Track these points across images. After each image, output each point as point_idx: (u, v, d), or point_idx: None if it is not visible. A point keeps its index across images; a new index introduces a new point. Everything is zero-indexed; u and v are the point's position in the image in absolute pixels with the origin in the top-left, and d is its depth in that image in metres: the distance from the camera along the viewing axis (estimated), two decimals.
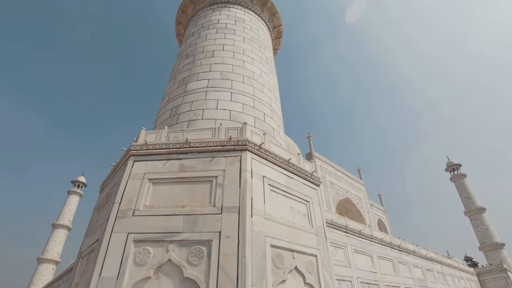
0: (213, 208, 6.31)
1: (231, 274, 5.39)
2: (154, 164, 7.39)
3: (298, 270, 6.50)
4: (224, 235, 5.86)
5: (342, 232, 13.53)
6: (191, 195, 6.68)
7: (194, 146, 7.48)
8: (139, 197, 6.73)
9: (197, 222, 6.13)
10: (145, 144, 7.75)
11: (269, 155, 7.61)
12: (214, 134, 7.79)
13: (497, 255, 42.72)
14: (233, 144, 7.31)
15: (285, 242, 6.55)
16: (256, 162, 7.23)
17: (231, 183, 6.63)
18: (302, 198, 7.90)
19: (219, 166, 7.02)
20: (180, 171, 7.12)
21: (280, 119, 11.45)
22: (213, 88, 10.33)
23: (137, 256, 5.82)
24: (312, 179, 8.61)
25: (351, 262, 12.96)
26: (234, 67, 11.26)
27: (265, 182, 7.06)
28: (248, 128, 7.79)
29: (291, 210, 7.38)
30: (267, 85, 11.72)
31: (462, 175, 55.09)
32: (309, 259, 6.93)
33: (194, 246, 5.84)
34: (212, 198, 6.50)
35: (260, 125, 9.73)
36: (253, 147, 7.33)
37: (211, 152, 7.33)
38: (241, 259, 5.53)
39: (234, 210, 6.19)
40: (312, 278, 6.71)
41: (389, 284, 15.13)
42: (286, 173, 7.89)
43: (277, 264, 6.10)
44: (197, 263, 5.64)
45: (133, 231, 6.16)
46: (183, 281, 5.52)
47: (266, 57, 13.36)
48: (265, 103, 10.78)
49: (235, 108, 9.73)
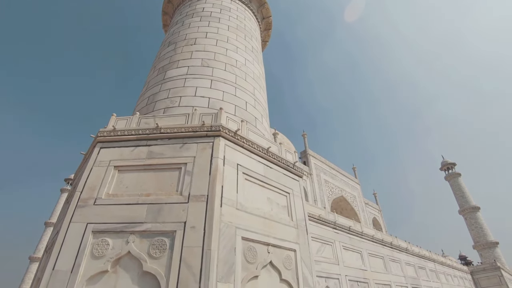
0: (180, 196, 5.79)
1: (194, 268, 4.87)
2: (121, 151, 6.86)
3: (273, 266, 5.98)
4: (189, 226, 5.34)
5: (331, 228, 13.04)
6: (158, 183, 6.15)
7: (165, 132, 6.95)
8: (102, 185, 6.21)
9: (162, 211, 5.61)
10: (113, 130, 7.21)
11: (245, 143, 7.09)
12: (187, 120, 7.27)
13: (491, 254, 42.59)
14: (206, 130, 6.78)
15: (260, 235, 6.03)
16: (230, 149, 6.71)
17: (201, 171, 6.11)
18: (282, 189, 7.40)
19: (189, 152, 6.50)
20: (148, 158, 6.59)
21: (264, 109, 10.94)
22: (192, 75, 9.80)
23: (94, 248, 5.33)
24: (294, 170, 8.11)
25: (339, 259, 12.47)
26: (216, 55, 10.73)
27: (239, 171, 6.54)
28: (224, 113, 7.26)
29: (269, 201, 6.87)
30: (251, 74, 11.20)
31: (457, 174, 55.03)
32: (286, 253, 6.42)
33: (156, 238, 5.32)
34: (180, 186, 5.98)
35: (241, 114, 9.20)
36: (228, 133, 6.81)
37: (182, 138, 6.81)
38: (206, 252, 5.01)
39: (202, 199, 5.67)
40: (289, 274, 6.20)
41: (379, 282, 14.68)
42: (265, 162, 7.38)
43: (248, 258, 5.58)
44: (158, 256, 5.12)
45: (92, 221, 5.66)
46: (142, 276, 5.01)
47: (252, 46, 12.84)
48: (248, 92, 10.26)
49: (215, 96, 9.20)
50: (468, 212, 49.00)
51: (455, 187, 53.68)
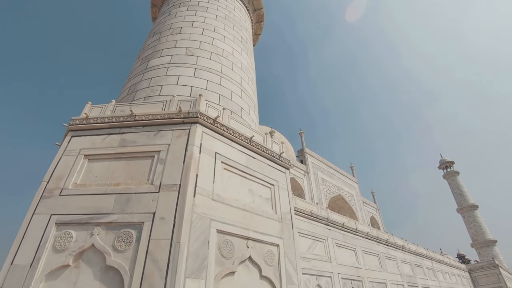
0: (150, 186, 5.35)
1: (160, 263, 4.43)
2: (93, 139, 6.43)
3: (252, 261, 5.54)
4: (158, 217, 4.90)
5: (323, 225, 12.59)
6: (129, 172, 5.72)
7: (140, 119, 6.51)
8: (70, 175, 5.78)
9: (130, 202, 5.17)
10: (86, 118, 6.78)
11: (226, 131, 6.65)
12: (164, 107, 6.82)
13: (489, 252, 42.25)
14: (182, 116, 6.34)
15: (238, 228, 5.59)
16: (208, 137, 6.27)
17: (175, 159, 5.67)
18: (266, 181, 6.96)
19: (164, 140, 6.06)
20: (120, 146, 6.15)
21: (252, 100, 10.50)
22: (175, 64, 9.34)
23: (57, 241, 4.93)
24: (280, 161, 7.68)
25: (332, 256, 12.03)
26: (201, 44, 10.28)
27: (218, 160, 6.10)
28: (203, 100, 6.82)
29: (250, 193, 6.43)
30: (238, 64, 10.75)
31: (455, 172, 54.69)
32: (268, 248, 5.98)
33: (123, 230, 4.89)
34: (151, 175, 5.54)
35: (226, 103, 8.76)
36: (206, 120, 6.36)
37: (158, 126, 6.37)
38: (174, 245, 4.57)
39: (174, 189, 5.23)
40: (271, 271, 5.76)
41: (374, 280, 14.24)
42: (247, 152, 6.94)
43: (224, 253, 5.14)
44: (123, 249, 4.69)
45: (57, 213, 5.26)
46: (106, 271, 4.58)
47: (240, 36, 12.40)
48: (235, 82, 9.81)
49: (198, 85, 8.75)
50: (466, 210, 48.66)
51: (454, 185, 53.35)
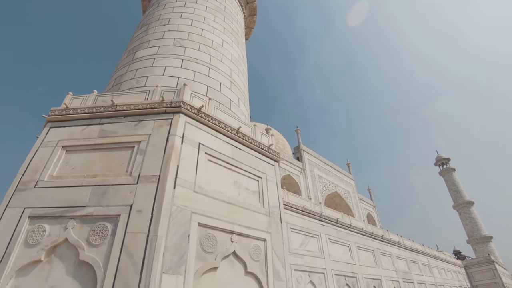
0: (129, 177, 5.08)
1: (136, 257, 4.17)
2: (72, 130, 6.15)
3: (237, 256, 5.29)
4: (135, 210, 4.63)
5: (316, 220, 12.38)
6: (108, 164, 5.44)
7: (121, 109, 6.22)
8: (46, 167, 5.51)
9: (107, 194, 4.90)
10: (65, 109, 6.50)
11: (211, 121, 6.38)
12: (147, 96, 6.55)
13: (484, 248, 42.41)
14: (165, 106, 6.06)
15: (222, 221, 5.34)
16: (192, 127, 6.00)
17: (155, 149, 5.40)
18: (253, 174, 6.70)
19: (145, 130, 5.78)
20: (100, 137, 5.87)
21: (242, 93, 10.22)
22: (162, 55, 9.04)
23: (29, 235, 4.67)
24: (269, 153, 7.42)
25: (325, 252, 11.83)
26: (190, 35, 9.98)
27: (201, 150, 5.83)
28: (187, 90, 6.54)
29: (236, 186, 6.17)
30: (228, 55, 10.47)
31: (451, 169, 54.84)
32: (254, 243, 5.73)
33: (98, 223, 4.62)
34: (130, 166, 5.27)
35: (214, 95, 8.48)
36: (190, 110, 6.09)
37: (139, 116, 6.09)
38: (151, 239, 4.31)
39: (153, 180, 4.96)
40: (257, 267, 5.51)
41: (368, 276, 14.07)
42: (233, 143, 6.68)
43: (206, 247, 4.88)
44: (98, 243, 4.42)
45: (30, 206, 4.99)
46: (79, 266, 4.31)
47: (231, 28, 12.10)
48: (224, 73, 9.53)
49: (185, 76, 8.46)
50: (462, 207, 48.82)
51: (450, 182, 53.50)
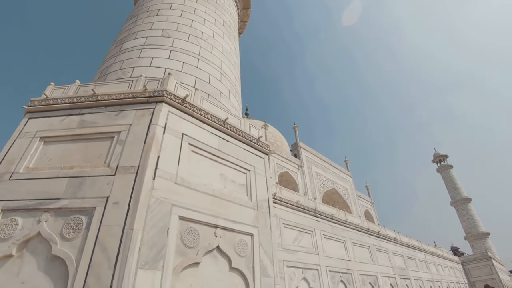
0: (107, 168, 4.83)
1: (110, 252, 3.93)
2: (51, 121, 5.90)
3: (221, 251, 5.06)
4: (112, 202, 4.39)
5: (310, 216, 12.16)
6: (86, 155, 5.20)
7: (102, 99, 5.97)
8: (23, 159, 5.27)
9: (83, 185, 4.66)
10: (45, 99, 6.24)
11: (196, 111, 6.13)
12: (130, 86, 6.28)
13: (482, 245, 42.41)
14: (147, 95, 5.80)
15: (205, 215, 5.10)
16: (175, 117, 5.75)
17: (136, 140, 5.15)
18: (241, 166, 6.47)
19: (126, 120, 5.53)
20: (79, 128, 5.62)
21: (233, 85, 9.96)
22: (149, 46, 8.77)
23: (1, 229, 4.46)
24: (258, 145, 7.19)
25: (319, 248, 11.62)
26: (179, 26, 9.70)
27: (185, 141, 5.58)
28: (172, 79, 6.28)
29: (222, 178, 5.93)
30: (219, 47, 10.20)
31: (449, 166, 54.73)
32: (240, 238, 5.50)
33: (73, 216, 4.38)
34: (109, 157, 5.02)
35: (203, 86, 8.22)
36: (173, 99, 5.83)
37: (121, 105, 5.83)
38: (126, 232, 4.07)
39: (132, 171, 4.72)
40: (242, 262, 5.28)
41: (364, 273, 13.89)
42: (220, 134, 6.43)
43: (187, 241, 4.65)
44: (71, 236, 4.19)
45: (4, 198, 4.77)
46: (51, 261, 4.08)
47: (223, 20, 11.82)
48: (214, 65, 9.27)
49: (173, 67, 8.19)
50: (460, 203, 48.77)
51: (447, 179, 53.41)
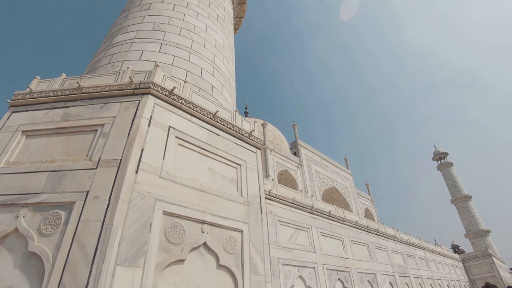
0: (88, 162, 4.64)
1: (88, 248, 3.74)
2: (34, 114, 5.72)
3: (208, 248, 4.87)
4: (92, 196, 4.20)
5: (307, 213, 11.97)
6: (68, 148, 5.02)
7: (87, 92, 5.77)
8: (4, 153, 5.11)
9: (63, 180, 4.47)
10: (29, 93, 6.06)
11: (184, 104, 5.93)
12: (116, 78, 6.10)
13: (482, 242, 42.17)
14: (133, 87, 5.61)
15: (192, 210, 4.91)
16: (162, 110, 5.56)
17: (119, 132, 4.96)
18: (231, 160, 6.27)
19: (110, 113, 5.34)
20: (63, 121, 5.43)
21: (227, 80, 9.76)
22: (140, 40, 8.58)
23: None
24: (250, 139, 6.99)
25: (316, 246, 11.42)
26: (171, 19, 9.51)
27: (172, 134, 5.39)
28: (159, 71, 6.09)
29: (211, 173, 5.74)
30: (212, 41, 10.00)
31: (449, 163, 54.46)
32: (229, 234, 5.31)
33: (52, 211, 4.20)
34: (91, 150, 4.84)
35: (195, 80, 8.03)
36: (160, 91, 5.64)
37: (106, 98, 5.64)
38: (106, 228, 3.88)
39: (114, 164, 4.53)
40: (231, 259, 5.09)
41: (362, 271, 13.70)
42: (210, 128, 6.24)
43: (171, 238, 4.46)
44: (49, 232, 4.00)
45: None
46: (27, 258, 3.90)
47: (217, 14, 11.62)
48: (206, 59, 9.07)
49: (163, 60, 8.00)
50: (460, 201, 48.52)
51: (447, 176, 53.16)
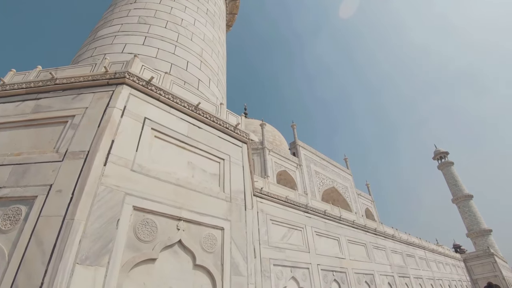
0: (55, 154, 4.35)
1: (46, 245, 3.44)
2: (6, 106, 5.47)
3: (184, 246, 4.55)
4: (55, 190, 3.90)
5: (301, 212, 11.64)
6: (36, 141, 4.73)
7: (60, 83, 5.49)
8: None
9: (27, 173, 4.18)
10: (2, 85, 5.81)
11: (163, 95, 5.64)
12: (92, 69, 5.84)
13: (484, 242, 41.66)
14: (108, 77, 5.33)
15: (166, 206, 4.59)
16: (137, 100, 5.26)
17: (90, 123, 4.67)
18: (214, 154, 5.97)
19: (82, 103, 5.05)
20: (33, 113, 5.16)
21: (215, 74, 9.48)
22: (123, 32, 8.31)
23: None
24: (235, 133, 6.69)
25: (310, 246, 11.09)
26: (157, 12, 9.24)
27: (147, 126, 5.09)
28: (137, 61, 5.81)
29: (190, 167, 5.43)
30: (200, 35, 9.73)
31: (450, 162, 54.06)
32: (208, 232, 4.99)
33: (12, 206, 3.91)
34: (59, 142, 4.55)
35: (179, 73, 7.75)
36: (136, 81, 5.35)
37: (79, 89, 5.36)
38: (66, 223, 3.58)
39: (81, 156, 4.23)
40: (210, 259, 4.76)
41: (360, 271, 13.35)
42: (191, 120, 5.94)
43: (141, 235, 4.14)
44: (8, 228, 3.71)
45: None
46: None
47: (207, 9, 11.36)
48: (193, 52, 8.79)
49: (146, 53, 7.72)
50: (461, 200, 48.05)
51: (448, 175, 52.73)
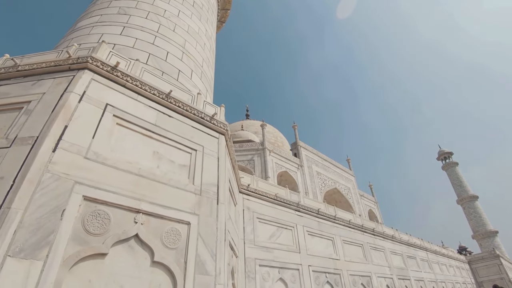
0: (3, 140, 4.06)
1: None
2: None
3: (141, 241, 4.18)
4: None
5: (292, 210, 11.22)
6: None
7: (22, 69, 5.22)
8: None
9: None
10: None
11: (129, 81, 5.33)
12: (58, 55, 5.56)
13: (490, 243, 40.60)
14: (70, 62, 5.04)
15: (123, 197, 4.24)
16: (100, 86, 4.95)
17: (44, 108, 4.37)
18: (184, 144, 5.62)
19: (40, 89, 4.76)
20: None
21: (199, 66, 9.17)
22: (101, 23, 8.06)
23: None
24: (211, 123, 6.34)
25: (301, 246, 10.64)
26: (138, 3, 8.99)
27: (109, 112, 4.77)
28: (104, 46, 5.51)
29: (156, 157, 5.10)
30: (184, 26, 9.45)
31: (454, 163, 53.10)
32: (172, 226, 4.62)
33: None
34: (10, 128, 4.26)
35: (158, 63, 7.45)
36: (100, 66, 5.04)
37: (40, 75, 5.08)
38: (2, 212, 3.26)
39: (29, 142, 3.93)
40: (171, 256, 4.38)
41: (356, 273, 12.83)
42: (160, 108, 5.61)
43: (90, 227, 3.80)
44: None
45: None
46: None
47: (193, 1, 11.09)
48: (175, 43, 8.50)
49: (123, 43, 7.45)
50: (466, 201, 47.03)
51: (453, 176, 51.74)
